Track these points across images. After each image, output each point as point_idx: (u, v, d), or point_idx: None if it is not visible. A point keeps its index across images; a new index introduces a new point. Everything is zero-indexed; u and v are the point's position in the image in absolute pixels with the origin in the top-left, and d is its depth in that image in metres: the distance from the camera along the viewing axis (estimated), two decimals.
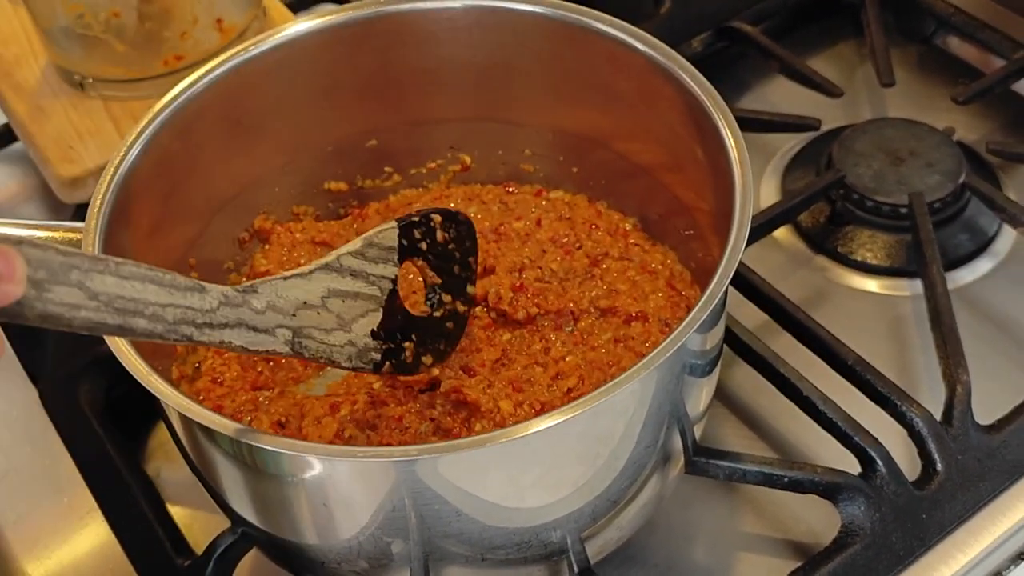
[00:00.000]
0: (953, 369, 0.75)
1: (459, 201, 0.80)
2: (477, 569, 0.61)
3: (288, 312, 0.56)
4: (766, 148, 0.98)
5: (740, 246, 0.58)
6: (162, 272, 0.49)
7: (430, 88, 0.78)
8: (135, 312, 0.47)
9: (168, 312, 0.49)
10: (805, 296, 0.86)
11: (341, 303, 0.59)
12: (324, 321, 0.58)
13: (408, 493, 0.55)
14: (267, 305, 0.55)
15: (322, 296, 0.58)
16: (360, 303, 0.60)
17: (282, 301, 0.55)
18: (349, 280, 0.60)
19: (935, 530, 0.69)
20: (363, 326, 0.60)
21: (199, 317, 0.50)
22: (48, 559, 0.73)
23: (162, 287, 0.49)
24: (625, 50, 0.70)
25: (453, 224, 0.67)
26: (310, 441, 0.62)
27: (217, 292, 0.52)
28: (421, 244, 0.65)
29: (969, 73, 1.03)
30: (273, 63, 0.73)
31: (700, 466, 0.69)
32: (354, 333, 0.60)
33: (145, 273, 0.48)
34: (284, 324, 0.55)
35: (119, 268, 0.47)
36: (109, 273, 0.46)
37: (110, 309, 0.46)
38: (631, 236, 0.77)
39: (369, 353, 0.61)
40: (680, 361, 0.59)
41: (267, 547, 0.67)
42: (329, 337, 0.58)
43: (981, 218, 0.90)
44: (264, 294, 0.55)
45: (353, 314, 0.60)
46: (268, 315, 0.55)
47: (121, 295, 0.46)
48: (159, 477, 0.78)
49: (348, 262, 0.60)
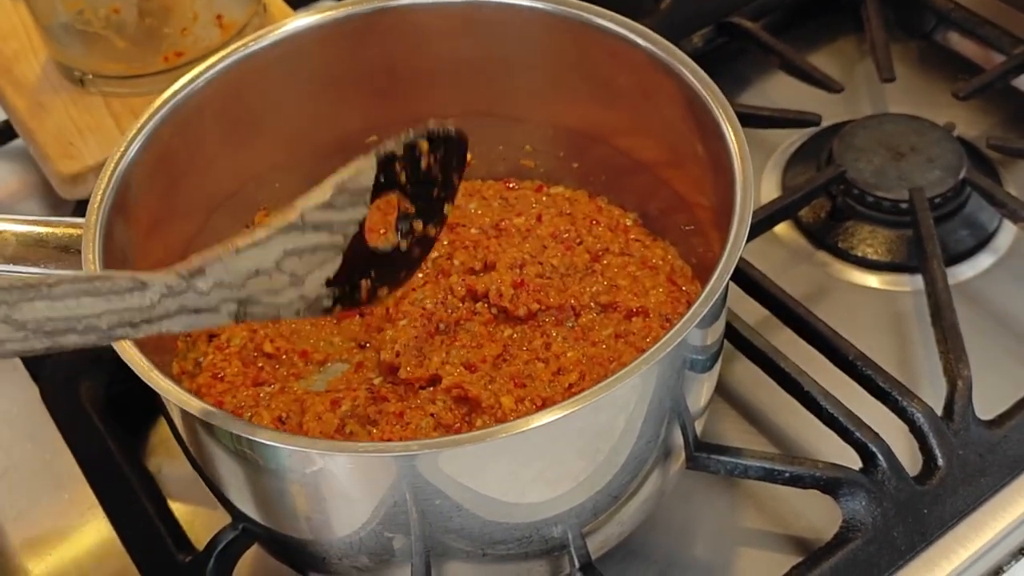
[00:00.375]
0: (954, 364, 0.75)
1: (459, 197, 0.79)
2: (478, 564, 0.61)
3: (237, 285, 0.53)
4: (766, 144, 0.98)
5: (741, 241, 0.58)
6: (101, 280, 0.48)
7: (430, 83, 0.77)
8: (66, 330, 0.47)
9: (103, 319, 0.48)
10: (806, 291, 0.86)
11: (297, 260, 0.55)
12: (275, 284, 0.54)
13: (409, 488, 0.55)
14: (214, 284, 0.52)
15: (276, 260, 0.54)
16: (319, 255, 0.56)
17: (231, 276, 0.53)
18: (311, 235, 0.55)
19: (936, 525, 0.69)
20: (317, 278, 0.56)
21: (137, 316, 0.50)
22: (49, 555, 0.73)
23: (98, 296, 0.48)
24: (626, 45, 0.70)
25: (442, 146, 0.61)
26: (311, 436, 0.62)
27: (160, 285, 0.50)
28: (400, 176, 0.59)
29: (969, 69, 1.03)
30: (273, 59, 0.73)
31: (701, 461, 0.69)
32: (306, 287, 0.56)
33: (81, 288, 0.47)
34: (230, 298, 0.53)
35: (51, 290, 0.46)
36: (40, 298, 0.46)
37: (39, 334, 0.46)
38: (632, 232, 0.77)
39: (320, 301, 0.57)
40: (681, 356, 0.59)
41: (268, 543, 0.67)
42: (278, 298, 0.55)
43: (981, 213, 0.89)
44: (211, 274, 0.52)
45: (309, 268, 0.56)
46: (213, 294, 0.52)
47: (51, 317, 0.46)
48: (160, 473, 0.78)
49: (313, 217, 0.55)
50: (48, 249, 0.63)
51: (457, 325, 0.70)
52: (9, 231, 0.63)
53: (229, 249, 0.53)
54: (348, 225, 0.57)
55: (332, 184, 0.56)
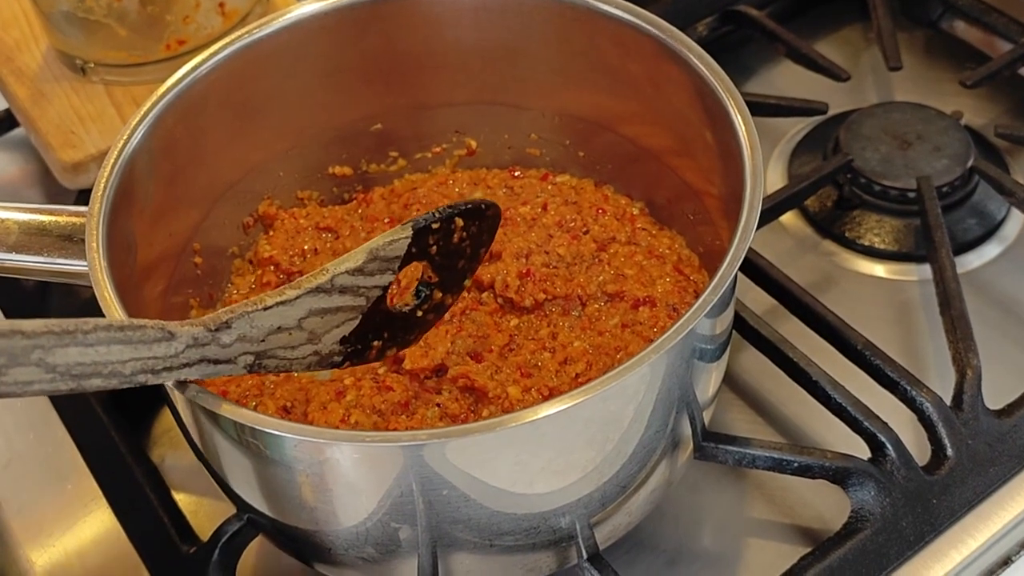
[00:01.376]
0: (963, 354, 0.75)
1: (464, 186, 0.79)
2: (485, 555, 0.61)
3: (257, 339, 0.55)
4: (772, 132, 0.97)
5: (751, 229, 0.58)
6: (132, 330, 0.50)
7: (435, 71, 0.77)
8: (92, 374, 0.48)
9: (128, 366, 0.50)
10: (812, 281, 0.86)
11: (319, 320, 0.57)
12: (294, 340, 0.57)
13: (416, 479, 0.54)
14: (237, 338, 0.54)
15: (300, 318, 0.56)
16: (340, 315, 0.59)
17: (255, 331, 0.55)
18: (336, 297, 0.58)
19: (945, 515, 0.69)
20: (334, 336, 0.59)
21: (160, 364, 0.51)
22: (52, 547, 0.73)
23: (128, 344, 0.49)
24: (633, 32, 0.70)
25: (476, 221, 0.63)
26: (316, 426, 0.62)
27: (187, 336, 0.52)
28: (431, 248, 0.61)
29: (976, 57, 1.03)
30: (276, 47, 0.72)
31: (709, 451, 0.69)
32: (322, 344, 0.59)
33: (114, 335, 0.49)
34: (250, 351, 0.55)
35: (86, 337, 0.48)
36: (75, 344, 0.47)
37: (66, 377, 0.47)
38: (638, 220, 0.76)
39: (332, 357, 0.60)
40: (690, 345, 0.58)
41: (273, 534, 0.66)
42: (293, 352, 0.57)
43: (989, 202, 0.89)
44: (237, 328, 0.54)
45: (328, 327, 0.58)
46: (235, 346, 0.54)
47: (81, 362, 0.48)
48: (164, 464, 0.77)
49: (342, 281, 0.58)
50: (51, 238, 0.63)
51: (463, 315, 0.69)
52: (12, 219, 0.63)
53: (258, 306, 0.55)
54: (373, 289, 0.59)
55: (365, 251, 0.58)
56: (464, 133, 0.81)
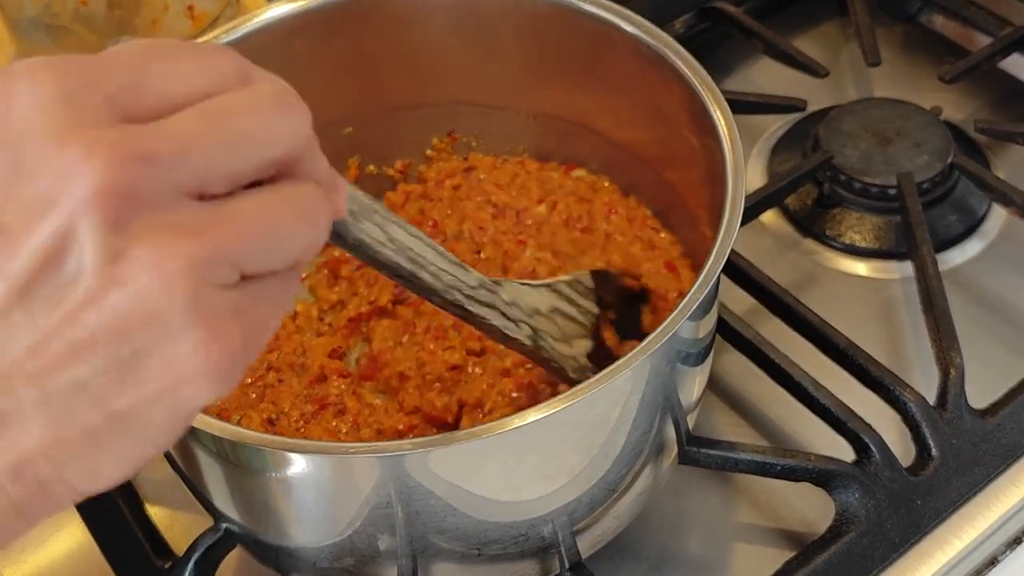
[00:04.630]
0: (946, 352, 0.74)
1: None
2: (467, 566, 0.60)
3: (527, 313, 0.58)
4: (751, 130, 0.96)
5: (735, 226, 0.57)
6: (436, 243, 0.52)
7: (410, 73, 0.76)
8: (422, 265, 0.50)
9: (444, 275, 0.52)
10: (793, 280, 0.85)
11: (562, 319, 0.62)
12: (554, 331, 0.60)
13: (400, 488, 0.53)
14: (512, 300, 0.57)
15: (549, 310, 0.60)
16: (576, 326, 0.62)
17: (521, 302, 0.58)
18: (566, 304, 0.62)
19: (930, 516, 0.68)
20: (580, 347, 0.62)
21: (465, 288, 0.53)
22: (24, 563, 0.71)
23: (438, 253, 0.51)
24: (610, 30, 0.69)
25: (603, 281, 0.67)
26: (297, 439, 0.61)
27: (476, 274, 0.54)
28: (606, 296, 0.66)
29: (955, 51, 1.02)
30: (247, 50, 0.69)
31: (693, 456, 0.68)
32: (575, 350, 0.62)
33: (423, 237, 0.50)
34: (526, 321, 0.58)
35: (406, 226, 0.49)
36: (399, 226, 0.49)
37: (403, 256, 0.49)
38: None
39: (586, 372, 0.62)
40: (674, 348, 0.58)
41: (251, 545, 0.65)
42: (559, 345, 0.60)
43: (970, 198, 0.88)
44: (507, 290, 0.57)
45: (570, 334, 0.62)
46: (514, 309, 0.57)
47: (410, 247, 0.49)
48: (137, 476, 0.76)
49: (563, 288, 0.63)
50: None
51: None
52: None
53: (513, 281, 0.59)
54: (588, 314, 0.64)
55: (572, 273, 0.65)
56: (440, 134, 0.80)
